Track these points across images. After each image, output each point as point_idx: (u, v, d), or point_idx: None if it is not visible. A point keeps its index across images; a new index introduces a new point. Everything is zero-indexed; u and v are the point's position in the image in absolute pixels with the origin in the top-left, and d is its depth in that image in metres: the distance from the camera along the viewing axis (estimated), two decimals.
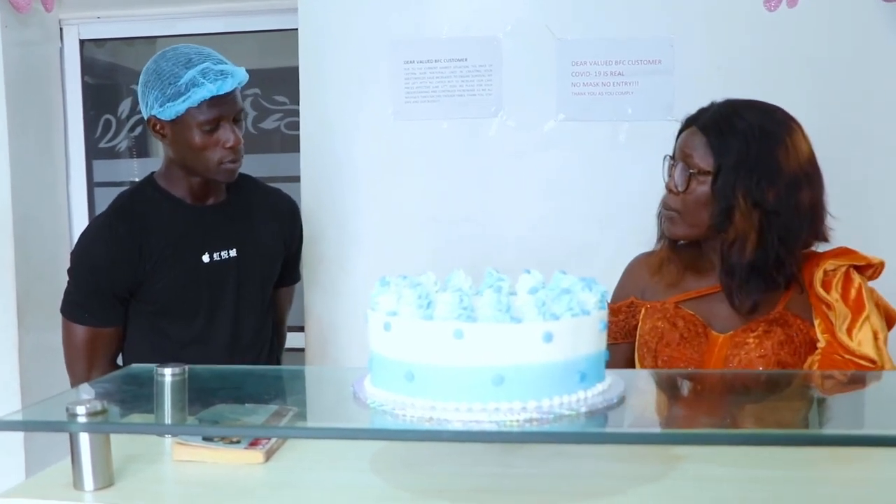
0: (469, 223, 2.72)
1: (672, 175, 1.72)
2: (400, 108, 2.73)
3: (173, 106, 1.92)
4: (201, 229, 2.06)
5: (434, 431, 1.05)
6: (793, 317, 1.68)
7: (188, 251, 2.03)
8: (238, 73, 1.97)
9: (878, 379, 1.51)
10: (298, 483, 1.18)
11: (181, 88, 1.91)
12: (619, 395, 1.10)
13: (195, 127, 1.93)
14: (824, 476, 1.18)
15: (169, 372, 1.20)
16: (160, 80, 1.95)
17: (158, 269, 2.00)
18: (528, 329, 1.03)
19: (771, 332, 1.66)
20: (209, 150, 1.95)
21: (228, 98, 1.95)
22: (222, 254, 2.07)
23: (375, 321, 1.11)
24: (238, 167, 2.02)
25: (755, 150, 1.66)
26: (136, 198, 2.08)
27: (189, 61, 1.94)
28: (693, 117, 1.75)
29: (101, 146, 3.24)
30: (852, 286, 1.66)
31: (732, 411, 1.37)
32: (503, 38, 2.69)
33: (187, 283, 2.03)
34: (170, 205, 2.05)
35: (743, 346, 1.66)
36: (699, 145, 1.69)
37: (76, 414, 1.10)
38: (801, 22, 2.55)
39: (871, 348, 1.59)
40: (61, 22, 3.08)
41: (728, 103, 1.75)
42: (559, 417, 1.03)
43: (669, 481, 1.15)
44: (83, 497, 1.13)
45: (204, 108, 1.92)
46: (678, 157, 1.72)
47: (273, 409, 1.23)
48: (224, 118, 1.95)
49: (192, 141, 1.95)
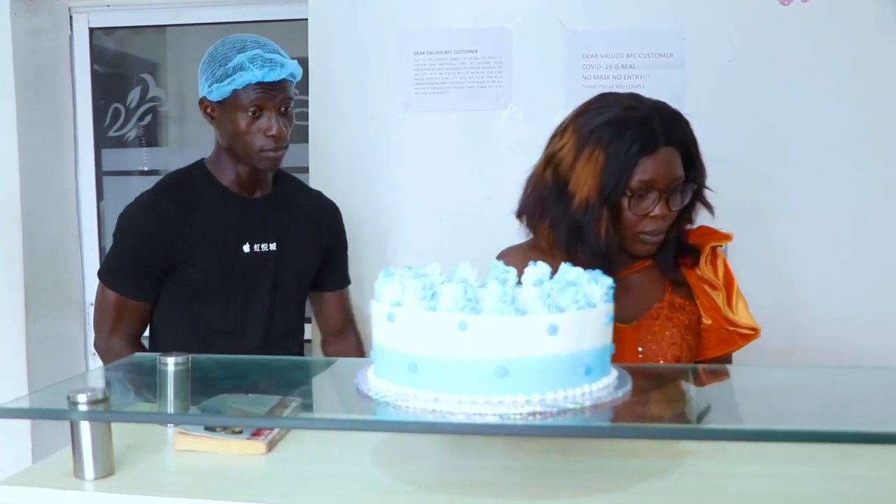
0: (476, 215, 2.71)
1: (666, 203, 1.64)
2: (409, 99, 2.72)
3: (220, 87, 1.97)
4: (244, 220, 2.08)
5: (437, 424, 1.04)
6: (680, 298, 1.74)
7: (229, 239, 2.06)
8: (289, 65, 2.00)
9: (885, 377, 1.49)
10: (300, 474, 1.18)
11: (228, 71, 1.96)
12: (625, 389, 1.09)
13: (240, 110, 1.97)
14: (831, 473, 1.16)
15: (172, 361, 1.20)
16: (213, 61, 2.00)
17: (197, 251, 2.03)
18: (532, 321, 1.02)
19: (673, 318, 1.71)
20: (251, 135, 1.98)
21: (276, 87, 1.98)
22: (262, 246, 2.09)
23: (379, 312, 1.10)
24: (279, 157, 2.04)
25: (692, 134, 1.69)
26: (184, 178, 2.12)
27: (243, 47, 1.98)
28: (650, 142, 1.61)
29: (109, 135, 3.24)
30: (718, 262, 1.74)
31: (736, 406, 1.36)
32: (514, 29, 2.67)
33: (224, 270, 2.05)
34: (216, 191, 2.08)
35: (651, 335, 1.70)
36: (677, 161, 1.64)
37: (77, 402, 1.10)
38: (814, 16, 2.53)
39: (749, 317, 1.70)
40: (71, 10, 3.07)
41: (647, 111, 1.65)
42: (563, 411, 1.02)
43: (674, 477, 1.14)
44: (83, 485, 1.13)
45: (249, 92, 1.96)
46: (665, 185, 1.63)
47: (276, 399, 1.23)
48: (268, 106, 1.98)
49: (236, 124, 1.98)
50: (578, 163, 1.65)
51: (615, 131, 1.62)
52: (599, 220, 1.64)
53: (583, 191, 1.64)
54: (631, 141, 1.61)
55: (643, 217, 1.64)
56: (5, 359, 2.86)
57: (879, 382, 1.40)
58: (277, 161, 2.05)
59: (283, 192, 2.16)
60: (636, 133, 1.61)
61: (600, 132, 1.64)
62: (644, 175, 1.61)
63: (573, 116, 1.73)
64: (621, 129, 1.62)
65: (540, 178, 1.74)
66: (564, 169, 1.68)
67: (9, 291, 2.84)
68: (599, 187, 1.62)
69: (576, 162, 1.65)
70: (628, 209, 1.64)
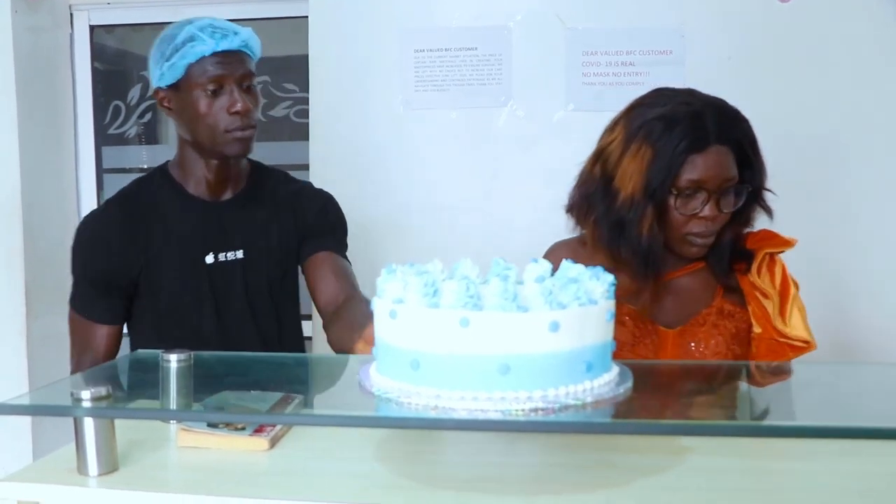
0: (477, 212, 2.72)
1: (716, 204, 1.59)
2: (409, 96, 2.72)
3: (171, 67, 1.79)
4: (207, 227, 1.90)
5: (439, 420, 1.04)
6: (731, 304, 1.68)
7: (191, 250, 1.88)
8: (244, 33, 1.82)
9: (885, 372, 1.49)
10: (303, 470, 1.18)
11: (178, 45, 1.78)
12: (626, 385, 1.09)
13: (197, 89, 1.78)
14: (834, 468, 1.17)
15: (174, 358, 1.20)
16: (161, 43, 1.83)
17: (156, 265, 1.86)
18: (534, 318, 1.02)
19: (719, 326, 1.66)
20: (214, 116, 1.79)
21: (233, 59, 1.80)
22: (227, 255, 1.90)
23: (381, 309, 1.10)
24: (248, 137, 1.83)
25: (752, 132, 1.64)
26: (143, 185, 1.94)
27: (190, 22, 1.82)
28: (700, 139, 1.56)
29: (110, 132, 3.24)
30: (777, 269, 1.66)
31: (741, 402, 1.36)
32: (513, 27, 2.68)
33: (189, 284, 1.87)
34: (176, 197, 1.90)
35: (695, 341, 1.65)
36: (729, 161, 1.59)
37: (80, 399, 1.10)
38: (814, 13, 2.54)
39: (803, 329, 1.62)
40: (71, 7, 3.08)
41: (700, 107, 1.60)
42: (565, 407, 1.02)
43: (675, 473, 1.15)
44: (87, 482, 1.13)
45: (205, 66, 1.77)
46: (716, 185, 1.58)
47: (278, 396, 1.23)
48: (227, 80, 1.79)
49: (195, 106, 1.79)
50: (625, 158, 1.59)
51: (665, 126, 1.57)
52: (643, 219, 1.58)
53: (628, 187, 1.59)
54: (680, 137, 1.55)
55: (691, 217, 1.59)
56: (6, 357, 2.86)
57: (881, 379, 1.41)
58: (246, 143, 1.83)
59: (257, 187, 1.96)
60: (686, 129, 1.56)
61: (649, 127, 1.58)
62: (692, 174, 1.56)
63: (625, 111, 1.67)
64: (671, 125, 1.56)
65: (588, 174, 1.69)
66: (611, 164, 1.62)
67: (9, 289, 2.85)
68: (645, 184, 1.57)
69: (622, 157, 1.60)
70: (675, 209, 1.59)
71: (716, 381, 1.49)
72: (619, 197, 1.61)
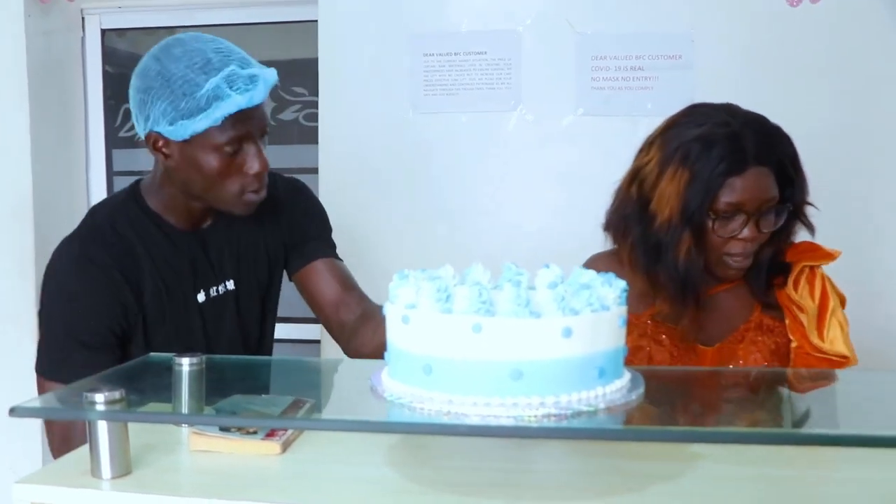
0: (486, 217, 2.72)
1: (756, 225, 1.56)
2: (419, 100, 2.73)
3: (190, 124, 1.51)
4: (195, 263, 1.68)
5: (451, 426, 1.04)
6: (770, 319, 1.65)
7: (182, 290, 1.65)
8: (269, 77, 1.57)
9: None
10: (315, 475, 1.18)
11: (201, 102, 1.50)
12: (638, 391, 1.09)
13: (213, 150, 1.53)
14: (847, 476, 1.17)
15: (187, 361, 1.21)
16: (169, 88, 1.52)
17: (151, 310, 1.61)
18: (547, 324, 1.02)
19: (758, 342, 1.63)
20: (229, 177, 1.56)
21: (257, 111, 1.55)
22: (219, 289, 1.70)
23: (394, 314, 1.11)
24: (262, 198, 1.62)
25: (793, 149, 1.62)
26: (118, 218, 1.63)
27: (207, 63, 1.52)
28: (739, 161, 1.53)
29: (120, 135, 3.26)
30: (816, 282, 1.63)
31: (753, 410, 1.36)
32: (523, 31, 2.68)
33: (182, 326, 1.65)
34: (159, 231, 1.65)
35: (733, 359, 1.63)
36: (768, 182, 1.55)
37: (95, 402, 1.11)
38: (823, 17, 2.54)
39: (842, 344, 1.59)
40: (83, 11, 3.10)
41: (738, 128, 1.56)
42: (577, 413, 1.02)
43: (686, 480, 1.14)
44: (101, 485, 1.13)
45: (227, 126, 1.52)
46: (755, 207, 1.55)
47: (290, 400, 1.23)
48: (249, 137, 1.55)
49: (207, 167, 1.54)
50: (662, 181, 1.56)
51: (702, 148, 1.53)
52: (680, 243, 1.56)
53: (664, 211, 1.56)
54: (718, 160, 1.52)
55: (729, 239, 1.56)
56: (17, 358, 2.87)
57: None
58: (257, 204, 1.63)
59: None
60: (724, 151, 1.52)
61: (686, 148, 1.55)
62: (731, 197, 1.53)
63: (661, 130, 1.63)
64: (708, 146, 1.53)
65: (625, 194, 1.66)
66: (648, 186, 1.59)
67: (21, 291, 2.86)
68: (682, 208, 1.54)
69: (659, 179, 1.57)
70: (714, 231, 1.56)
71: (733, 388, 1.49)
72: (656, 221, 1.58)
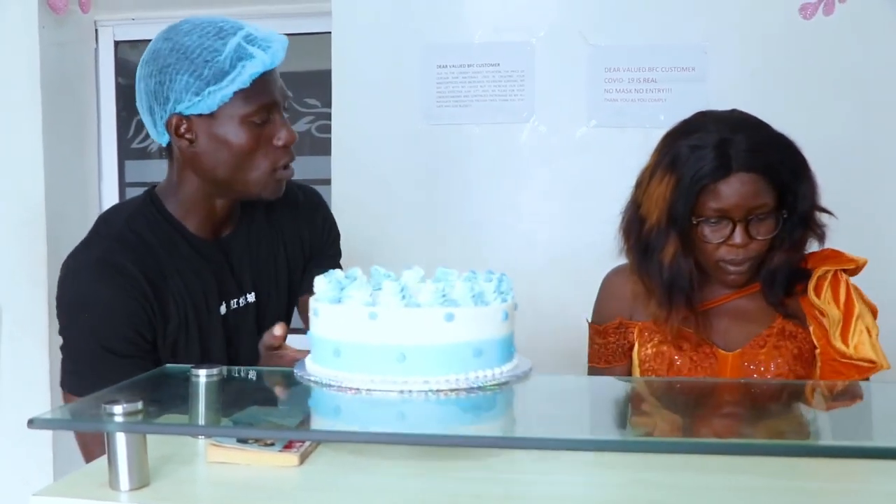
0: (499, 228, 2.72)
1: (746, 231, 1.56)
2: (432, 112, 2.73)
3: (217, 91, 1.44)
4: (218, 274, 1.60)
5: (466, 437, 1.05)
6: (793, 325, 1.65)
7: (205, 302, 1.57)
8: (283, 39, 1.51)
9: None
10: (333, 486, 1.18)
11: (225, 65, 1.43)
12: (525, 370, 1.21)
13: (240, 122, 1.47)
14: (867, 489, 1.16)
15: (204, 373, 1.21)
16: (188, 59, 1.44)
17: (176, 321, 1.53)
18: (429, 313, 1.14)
19: (781, 347, 1.63)
20: (259, 152, 1.49)
21: (278, 79, 1.50)
22: (240, 301, 1.62)
23: (311, 307, 1.23)
24: (291, 176, 1.56)
25: (795, 156, 1.61)
26: (137, 222, 1.54)
27: (220, 31, 1.46)
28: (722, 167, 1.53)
29: (132, 147, 3.27)
30: (841, 288, 1.62)
31: (777, 420, 1.35)
32: (536, 43, 2.69)
33: (204, 340, 1.57)
34: (182, 240, 1.56)
35: (755, 364, 1.62)
36: (755, 188, 1.55)
37: (113, 413, 1.11)
38: (837, 30, 2.54)
39: (869, 348, 1.58)
40: (97, 23, 3.11)
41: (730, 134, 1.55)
42: (454, 390, 1.15)
43: (712, 492, 1.14)
44: (119, 497, 1.13)
45: (252, 94, 1.45)
46: (741, 214, 1.55)
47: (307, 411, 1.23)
48: (276, 105, 1.49)
49: (237, 141, 1.47)
50: (652, 184, 1.60)
51: (689, 153, 1.55)
52: (667, 246, 1.58)
53: (653, 215, 1.59)
54: (703, 165, 1.53)
55: (721, 245, 1.57)
56: (29, 369, 2.88)
57: None
58: (285, 183, 1.57)
59: (253, 213, 1.67)
60: (708, 156, 1.53)
61: (675, 153, 1.58)
62: (715, 202, 1.54)
63: (664, 136, 1.66)
64: (695, 152, 1.55)
65: (629, 199, 1.69)
66: (641, 190, 1.63)
67: (33, 301, 2.87)
68: (669, 212, 1.56)
69: (650, 184, 1.60)
70: (703, 236, 1.57)
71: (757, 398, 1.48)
72: (646, 224, 1.61)
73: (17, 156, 2.87)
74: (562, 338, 2.56)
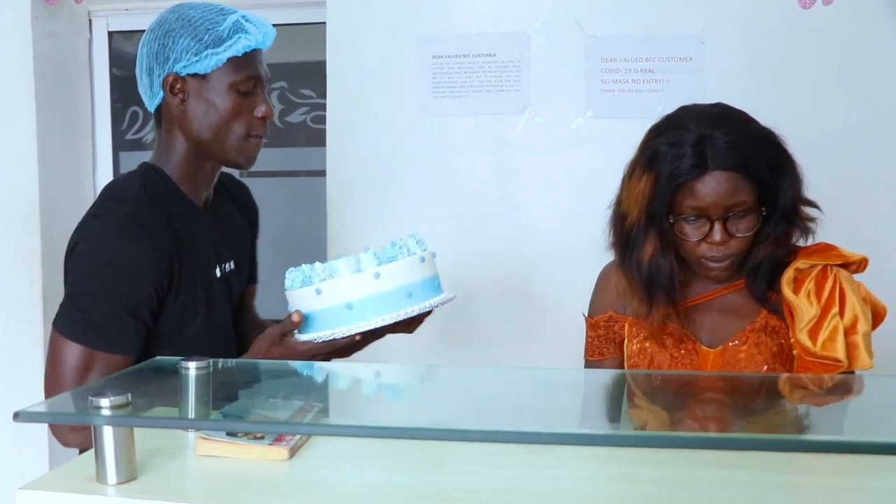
0: (495, 219, 2.71)
1: (724, 229, 1.56)
2: (427, 103, 2.72)
3: (213, 55, 1.61)
4: (213, 239, 1.74)
5: (458, 431, 1.04)
6: (777, 320, 1.63)
7: (206, 265, 1.71)
8: (273, 28, 1.72)
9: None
10: (323, 480, 1.17)
11: (223, 34, 1.61)
12: (448, 297, 1.63)
13: (228, 88, 1.63)
14: (858, 484, 1.15)
15: (193, 366, 1.19)
16: (192, 26, 1.63)
17: (183, 283, 1.64)
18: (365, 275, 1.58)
19: (761, 344, 1.62)
20: (238, 118, 1.65)
21: (262, 59, 1.69)
22: (227, 266, 1.77)
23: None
24: (260, 147, 1.72)
25: (775, 151, 1.60)
26: (150, 188, 1.66)
27: (222, 10, 1.66)
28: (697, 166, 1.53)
29: (127, 138, 3.25)
30: (827, 284, 1.58)
31: (761, 416, 1.34)
32: (532, 33, 2.67)
33: (200, 305, 1.68)
34: (186, 207, 1.70)
35: (735, 361, 1.62)
36: (732, 186, 1.53)
37: (100, 406, 1.10)
38: (835, 19, 2.52)
39: (838, 347, 1.53)
40: (90, 14, 3.09)
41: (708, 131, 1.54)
42: None
43: (703, 487, 1.13)
44: (106, 490, 1.12)
45: (242, 65, 1.63)
46: (718, 212, 1.54)
47: (298, 405, 1.22)
48: (260, 80, 1.67)
49: (222, 105, 1.63)
50: (631, 181, 1.60)
51: (666, 151, 1.55)
52: (646, 243, 1.59)
53: (633, 212, 1.59)
54: (679, 164, 1.53)
55: (702, 242, 1.57)
56: (23, 363, 2.88)
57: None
58: (257, 153, 1.72)
59: (220, 187, 1.83)
60: (684, 155, 1.53)
61: (653, 150, 1.57)
62: (692, 201, 1.54)
63: (647, 131, 1.65)
64: (672, 149, 1.54)
65: (616, 196, 1.69)
66: (622, 187, 1.64)
67: (27, 295, 2.86)
68: (647, 210, 1.57)
69: (630, 181, 1.61)
70: (682, 233, 1.57)
71: (739, 393, 1.47)
72: (626, 221, 1.62)
73: (11, 148, 2.86)
74: (558, 330, 2.55)
